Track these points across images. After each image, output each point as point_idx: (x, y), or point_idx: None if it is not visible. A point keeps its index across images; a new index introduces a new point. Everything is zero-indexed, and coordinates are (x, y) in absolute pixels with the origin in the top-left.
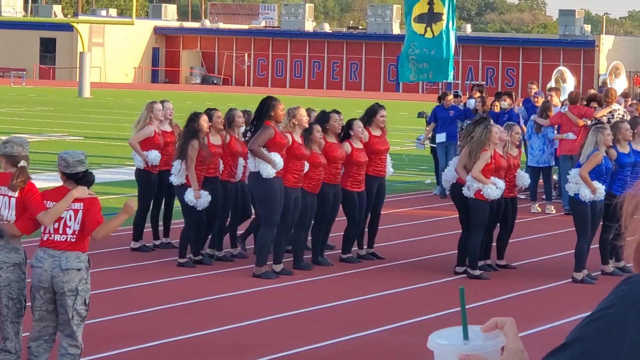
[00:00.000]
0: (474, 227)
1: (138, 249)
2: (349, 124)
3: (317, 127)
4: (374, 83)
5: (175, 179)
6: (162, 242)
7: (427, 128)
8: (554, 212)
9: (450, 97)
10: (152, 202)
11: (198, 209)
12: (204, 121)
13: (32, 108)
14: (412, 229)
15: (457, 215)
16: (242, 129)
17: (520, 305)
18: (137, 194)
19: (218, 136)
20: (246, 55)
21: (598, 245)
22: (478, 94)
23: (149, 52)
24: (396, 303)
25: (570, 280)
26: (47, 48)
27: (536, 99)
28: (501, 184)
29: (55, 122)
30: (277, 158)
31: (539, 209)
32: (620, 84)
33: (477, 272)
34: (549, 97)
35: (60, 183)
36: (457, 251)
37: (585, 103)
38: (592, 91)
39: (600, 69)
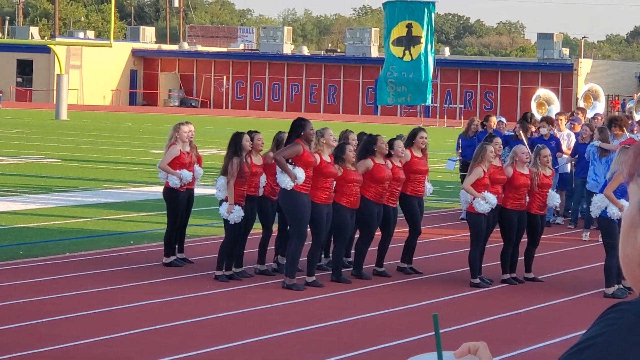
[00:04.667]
0: (472, 239)
1: (170, 264)
2: (390, 144)
3: (349, 147)
4: (352, 106)
5: (219, 193)
6: (177, 258)
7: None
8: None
9: (495, 123)
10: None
11: (229, 222)
12: (246, 140)
13: (9, 130)
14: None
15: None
16: None
17: (508, 327)
18: (165, 211)
19: (259, 157)
20: (224, 78)
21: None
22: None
23: (127, 74)
24: (388, 324)
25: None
26: (24, 70)
27: (573, 126)
28: (491, 198)
29: (32, 144)
30: (300, 173)
31: (589, 237)
32: (600, 107)
33: (477, 281)
34: (558, 122)
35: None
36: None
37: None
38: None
39: (578, 93)
